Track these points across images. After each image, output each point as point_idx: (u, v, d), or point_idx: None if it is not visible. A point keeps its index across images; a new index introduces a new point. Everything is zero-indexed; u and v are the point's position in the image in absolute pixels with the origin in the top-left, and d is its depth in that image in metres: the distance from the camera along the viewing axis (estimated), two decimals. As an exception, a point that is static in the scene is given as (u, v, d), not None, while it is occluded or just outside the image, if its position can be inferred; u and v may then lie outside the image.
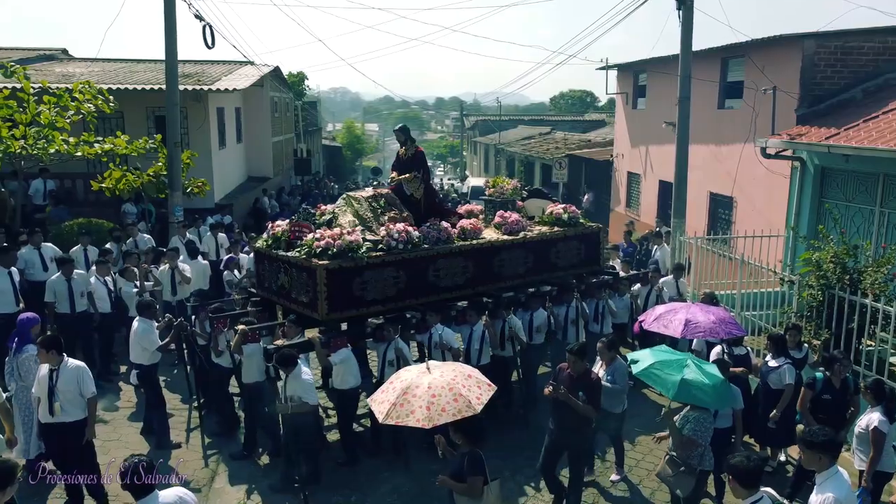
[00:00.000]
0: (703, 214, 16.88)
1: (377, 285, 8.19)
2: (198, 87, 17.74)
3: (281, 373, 7.32)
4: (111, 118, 17.47)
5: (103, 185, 14.23)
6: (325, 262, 7.75)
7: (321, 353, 7.72)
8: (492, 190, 11.11)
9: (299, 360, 7.35)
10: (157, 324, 8.56)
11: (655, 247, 13.41)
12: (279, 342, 7.64)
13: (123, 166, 14.34)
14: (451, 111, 62.29)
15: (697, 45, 16.31)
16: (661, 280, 11.26)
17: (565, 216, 10.26)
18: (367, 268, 8.07)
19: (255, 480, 7.84)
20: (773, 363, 7.88)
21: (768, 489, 4.55)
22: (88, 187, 15.18)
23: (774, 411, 7.70)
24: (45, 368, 6.63)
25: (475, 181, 33.53)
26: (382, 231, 8.40)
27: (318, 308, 7.82)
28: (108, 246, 11.92)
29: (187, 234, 13.20)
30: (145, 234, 13.30)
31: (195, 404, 9.19)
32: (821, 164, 12.69)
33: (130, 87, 17.18)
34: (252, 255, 10.49)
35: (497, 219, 9.95)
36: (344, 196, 9.32)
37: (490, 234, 9.63)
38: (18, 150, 12.37)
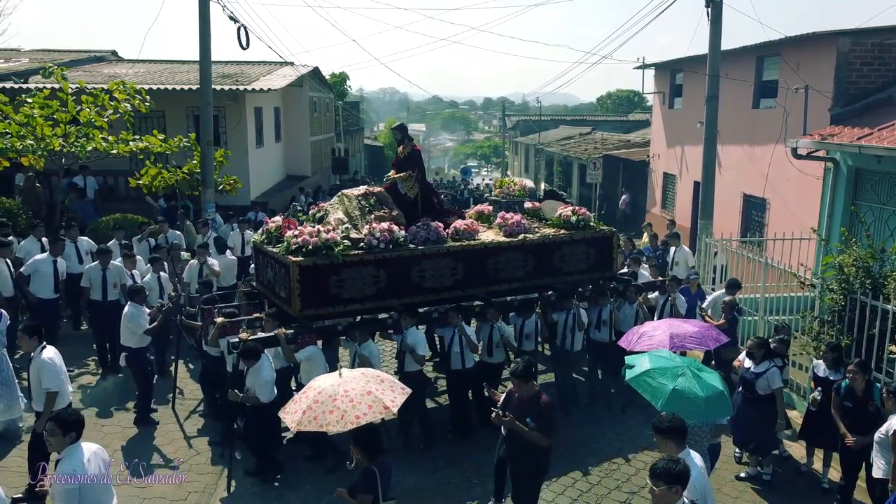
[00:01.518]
0: (735, 216, 16.52)
1: (355, 284, 8.08)
2: (234, 87, 18.16)
3: (241, 364, 7.49)
4: (152, 117, 18.09)
5: (140, 181, 14.76)
6: (299, 258, 7.79)
7: (286, 349, 7.74)
8: (498, 190, 10.94)
9: (263, 355, 7.48)
10: (147, 310, 8.96)
11: (674, 248, 13.12)
12: (243, 335, 7.73)
13: (159, 164, 14.84)
14: (499, 112, 62.15)
15: (734, 43, 16.07)
16: (714, 295, 10.40)
17: (574, 218, 9.77)
18: (344, 266, 7.99)
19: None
20: (757, 368, 7.65)
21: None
22: (129, 184, 15.74)
23: (779, 420, 7.60)
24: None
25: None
26: (365, 230, 8.33)
27: (292, 304, 7.89)
28: (133, 241, 12.36)
29: (210, 231, 13.54)
30: (176, 231, 13.71)
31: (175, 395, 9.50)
32: (854, 166, 12.30)
33: (169, 87, 17.70)
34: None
35: (498, 220, 9.68)
36: (339, 194, 9.37)
37: (489, 236, 9.40)
38: (58, 148, 12.92)
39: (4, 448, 8.00)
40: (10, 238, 11.18)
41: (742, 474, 8.03)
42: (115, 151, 13.68)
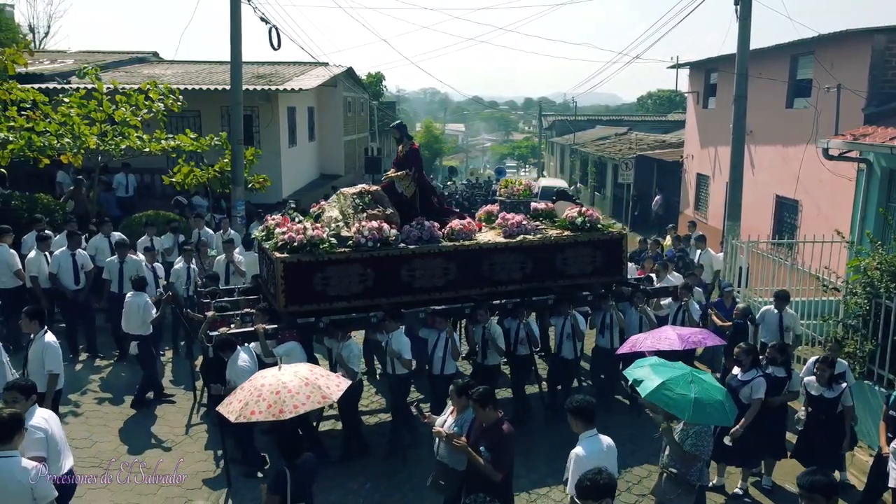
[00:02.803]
0: (767, 218, 16.20)
1: (341, 282, 8.07)
2: (266, 88, 18.49)
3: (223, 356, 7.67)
4: (188, 116, 18.54)
5: (174, 179, 15.17)
6: (285, 255, 7.86)
7: (264, 343, 7.83)
8: (504, 190, 10.74)
9: (239, 347, 7.63)
10: (148, 298, 9.38)
11: (699, 251, 12.90)
12: (223, 329, 7.89)
13: (191, 162, 15.22)
14: (546, 112, 62.05)
15: (768, 42, 15.73)
16: (763, 310, 9.66)
17: (579, 220, 9.48)
18: (329, 263, 7.99)
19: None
20: (743, 376, 7.40)
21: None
22: (163, 181, 16.17)
23: (737, 427, 7.03)
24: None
25: (546, 181, 33.28)
26: (354, 228, 8.34)
27: (278, 300, 7.98)
28: (163, 237, 12.69)
29: (205, 228, 13.71)
30: (209, 229, 14.03)
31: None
32: (888, 167, 11.94)
33: (203, 87, 18.11)
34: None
35: (499, 220, 9.53)
36: (337, 192, 9.44)
37: (490, 237, 9.27)
38: (94, 146, 13.36)
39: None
40: (48, 233, 11.63)
41: (738, 490, 7.75)
42: (147, 150, 14.07)
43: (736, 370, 7.56)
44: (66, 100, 13.57)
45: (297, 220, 8.80)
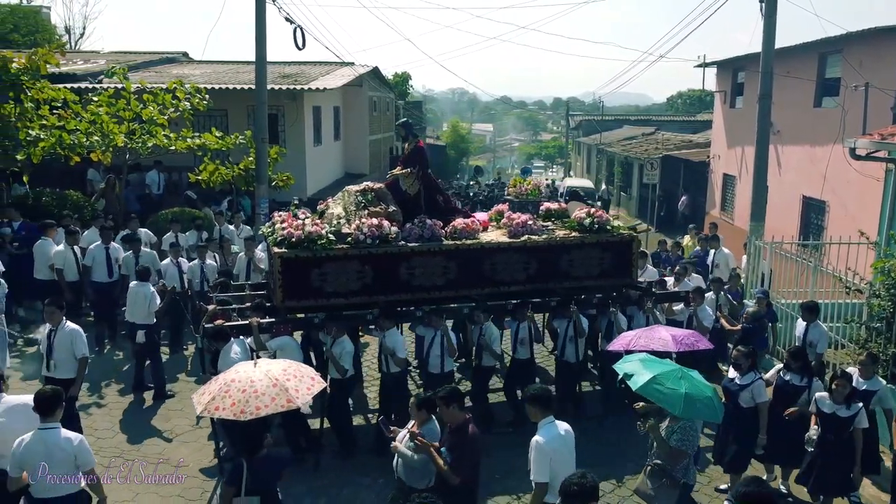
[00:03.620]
0: (794, 219, 15.95)
1: (339, 278, 8.08)
2: (291, 87, 18.70)
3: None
4: (216, 115, 18.82)
5: (199, 177, 15.44)
6: (283, 250, 7.90)
7: (257, 337, 7.89)
8: (511, 190, 10.64)
9: (233, 339, 7.72)
10: (153, 288, 9.63)
11: (713, 251, 12.73)
12: (218, 322, 7.98)
13: (217, 160, 15.48)
14: (573, 112, 61.59)
15: (796, 40, 15.50)
16: (801, 326, 9.01)
17: (587, 221, 9.26)
18: (327, 260, 8.00)
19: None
20: (742, 380, 7.15)
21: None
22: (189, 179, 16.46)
23: (760, 436, 7.00)
24: (45, 328, 7.47)
25: (571, 181, 33.11)
26: (354, 225, 8.34)
27: (275, 295, 8.03)
28: (187, 234, 12.93)
29: (226, 225, 13.99)
30: (230, 225, 14.24)
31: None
32: (917, 167, 11.67)
33: (229, 86, 18.37)
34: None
35: (504, 220, 9.40)
36: (343, 189, 9.48)
37: (495, 236, 9.14)
38: (121, 144, 13.66)
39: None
40: (77, 228, 11.94)
41: (722, 486, 7.68)
42: (174, 148, 14.34)
43: (733, 373, 7.31)
44: (95, 99, 13.89)
45: (299, 216, 8.83)
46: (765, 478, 7.53)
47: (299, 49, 15.38)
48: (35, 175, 15.07)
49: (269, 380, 5.49)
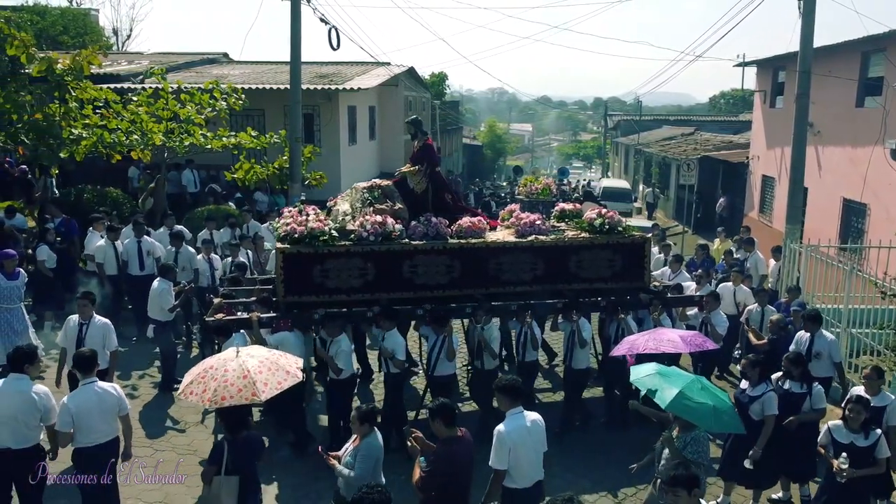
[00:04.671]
0: (834, 221, 15.56)
1: (340, 275, 8.09)
2: (326, 87, 18.94)
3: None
4: (253, 115, 19.17)
5: (235, 175, 15.75)
6: (285, 246, 7.95)
7: (257, 332, 7.95)
8: (522, 189, 10.52)
9: (236, 334, 7.78)
10: (174, 287, 9.74)
11: (748, 254, 12.47)
12: (219, 316, 8.08)
13: (252, 159, 15.78)
14: (611, 112, 60.86)
15: (838, 38, 15.14)
16: (803, 337, 8.53)
17: (598, 222, 9.01)
18: (329, 256, 8.01)
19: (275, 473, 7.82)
20: (752, 391, 6.86)
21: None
22: (225, 177, 16.81)
23: (755, 448, 6.64)
24: (73, 321, 7.69)
25: (608, 182, 32.82)
26: (358, 221, 8.33)
27: (277, 290, 8.10)
28: (221, 231, 13.19)
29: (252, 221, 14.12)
30: (257, 222, 14.48)
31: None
32: (962, 169, 11.32)
33: (266, 86, 18.69)
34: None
35: (512, 219, 9.24)
36: (352, 186, 9.50)
37: (498, 235, 9.02)
38: (159, 143, 14.03)
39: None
40: (118, 225, 12.31)
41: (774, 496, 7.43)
42: (209, 146, 14.66)
43: (744, 384, 7.02)
44: (135, 99, 14.28)
45: (309, 213, 8.81)
46: (780, 495, 7.34)
47: (334, 49, 15.61)
48: (79, 173, 15.59)
49: (241, 371, 5.52)
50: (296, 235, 8.06)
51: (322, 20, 15.38)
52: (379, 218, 8.32)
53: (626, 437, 8.58)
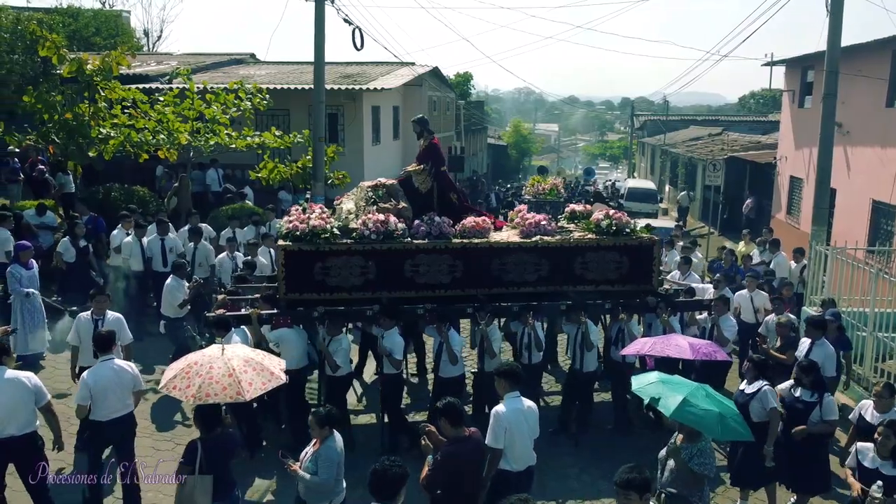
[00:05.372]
0: (863, 223, 15.25)
1: (341, 273, 8.11)
2: (350, 87, 19.08)
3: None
4: (279, 115, 19.38)
5: (259, 174, 15.94)
6: (286, 243, 7.99)
7: (256, 328, 7.99)
8: (529, 189, 10.37)
9: (235, 329, 7.83)
10: (187, 284, 9.90)
11: (773, 256, 12.29)
12: (220, 311, 8.13)
13: (276, 158, 15.96)
14: (638, 112, 60.11)
15: (868, 37, 14.86)
16: (804, 343, 8.33)
17: (605, 223, 8.86)
18: (330, 254, 8.03)
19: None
20: (749, 389, 6.74)
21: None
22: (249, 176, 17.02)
23: (766, 447, 6.51)
24: (84, 318, 7.79)
25: (633, 182, 32.54)
26: (361, 220, 8.33)
27: (278, 287, 8.14)
28: (245, 229, 13.37)
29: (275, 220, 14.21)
30: (279, 220, 14.63)
31: None
32: None
33: (290, 86, 18.88)
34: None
35: (517, 219, 9.15)
36: (358, 185, 9.52)
37: (503, 236, 8.94)
38: (185, 142, 14.26)
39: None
40: (144, 222, 12.53)
41: None
42: (234, 146, 14.86)
43: (742, 384, 6.94)
44: (161, 98, 14.53)
45: (316, 211, 8.82)
46: (792, 501, 7.17)
47: (357, 50, 15.69)
48: (108, 171, 15.91)
49: (226, 369, 5.54)
50: (297, 233, 8.09)
51: (346, 21, 15.47)
52: (381, 216, 8.29)
53: (635, 440, 8.50)
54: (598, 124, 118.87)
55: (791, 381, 7.01)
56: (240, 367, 5.63)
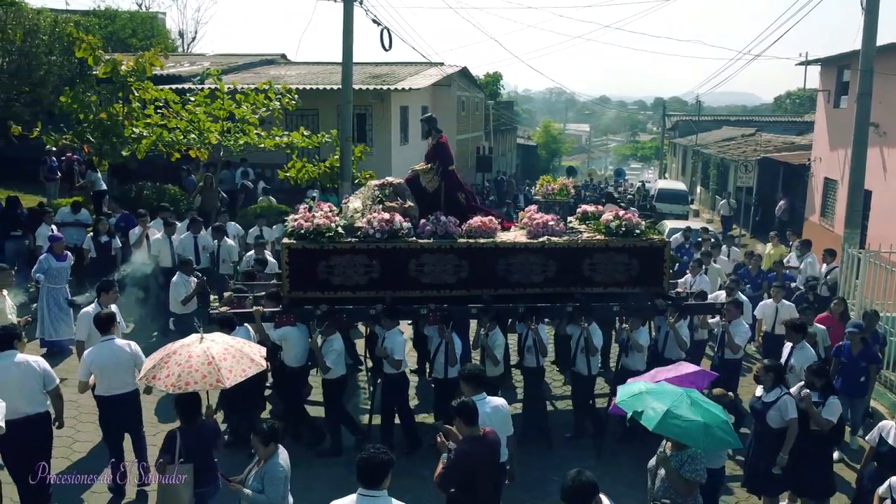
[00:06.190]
0: (900, 227, 14.86)
1: (345, 272, 8.08)
2: (378, 87, 19.19)
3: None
4: (308, 114, 19.59)
5: (288, 173, 16.12)
6: (291, 241, 7.97)
7: (259, 326, 7.98)
8: (539, 189, 10.23)
9: (240, 327, 7.82)
10: (195, 281, 10.07)
11: (803, 257, 12.05)
12: (223, 309, 8.16)
13: (304, 158, 16.14)
14: (669, 112, 59.21)
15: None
16: (787, 348, 8.11)
17: (614, 224, 8.60)
18: (334, 253, 8.01)
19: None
20: (767, 397, 6.55)
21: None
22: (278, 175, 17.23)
23: (781, 455, 6.40)
24: (89, 313, 7.84)
25: (664, 183, 32.16)
26: (366, 219, 8.29)
27: (283, 285, 8.13)
28: (273, 228, 13.55)
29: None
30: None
31: None
32: None
33: (318, 86, 19.08)
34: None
35: (525, 219, 8.98)
36: (366, 184, 9.49)
37: (510, 236, 8.79)
38: (215, 142, 14.50)
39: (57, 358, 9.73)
40: (174, 220, 12.78)
41: None
42: (262, 145, 15.07)
43: (759, 391, 6.73)
44: (192, 99, 14.78)
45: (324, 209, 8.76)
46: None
47: (386, 50, 15.79)
48: (141, 169, 16.27)
49: (205, 357, 5.56)
50: (302, 231, 8.07)
51: (374, 21, 15.58)
52: (387, 215, 8.21)
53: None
54: (630, 125, 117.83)
55: (800, 384, 6.88)
56: (219, 354, 5.65)
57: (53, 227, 11.80)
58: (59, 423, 6.57)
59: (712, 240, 13.92)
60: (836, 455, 8.03)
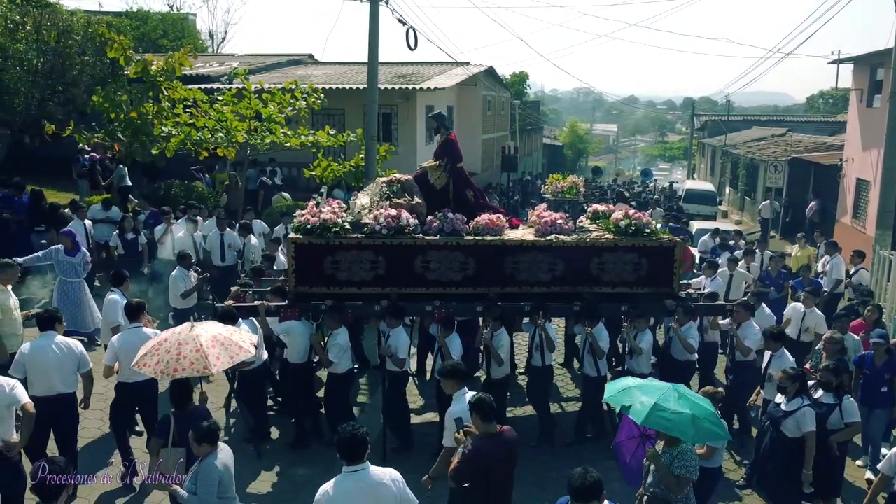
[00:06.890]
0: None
1: (351, 267, 8.09)
2: (403, 87, 19.26)
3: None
4: (334, 114, 19.74)
5: (313, 172, 16.26)
6: (297, 236, 8.01)
7: (264, 319, 8.05)
8: (548, 187, 10.10)
9: (242, 320, 7.81)
10: (194, 275, 10.19)
11: (830, 258, 11.82)
12: (229, 302, 8.19)
13: (329, 157, 16.26)
14: (698, 112, 58.16)
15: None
16: (766, 357, 7.93)
17: (624, 223, 8.47)
18: (340, 248, 8.03)
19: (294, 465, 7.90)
20: (787, 406, 6.44)
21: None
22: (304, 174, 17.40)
23: (804, 471, 6.30)
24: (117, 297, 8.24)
25: (692, 183, 31.84)
26: (373, 215, 8.26)
27: (289, 280, 8.19)
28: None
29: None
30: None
31: None
32: None
33: (344, 86, 19.22)
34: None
35: (533, 218, 8.92)
36: (375, 180, 9.50)
37: (518, 234, 8.71)
38: (242, 140, 14.68)
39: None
40: (199, 218, 12.97)
41: None
42: (289, 144, 15.22)
43: (779, 398, 6.62)
44: (220, 98, 14.99)
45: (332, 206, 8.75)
46: None
47: (411, 49, 15.84)
48: (170, 167, 16.55)
49: (194, 344, 5.70)
50: (308, 226, 8.10)
51: (400, 21, 15.64)
52: (393, 212, 8.19)
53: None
54: (659, 125, 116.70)
55: (812, 383, 6.79)
56: (207, 342, 5.77)
57: (87, 222, 12.04)
58: (85, 404, 6.90)
59: (743, 243, 13.68)
60: (859, 462, 7.91)
